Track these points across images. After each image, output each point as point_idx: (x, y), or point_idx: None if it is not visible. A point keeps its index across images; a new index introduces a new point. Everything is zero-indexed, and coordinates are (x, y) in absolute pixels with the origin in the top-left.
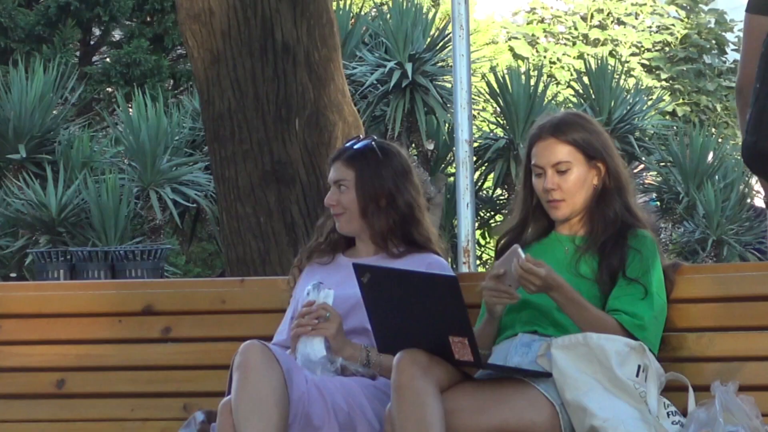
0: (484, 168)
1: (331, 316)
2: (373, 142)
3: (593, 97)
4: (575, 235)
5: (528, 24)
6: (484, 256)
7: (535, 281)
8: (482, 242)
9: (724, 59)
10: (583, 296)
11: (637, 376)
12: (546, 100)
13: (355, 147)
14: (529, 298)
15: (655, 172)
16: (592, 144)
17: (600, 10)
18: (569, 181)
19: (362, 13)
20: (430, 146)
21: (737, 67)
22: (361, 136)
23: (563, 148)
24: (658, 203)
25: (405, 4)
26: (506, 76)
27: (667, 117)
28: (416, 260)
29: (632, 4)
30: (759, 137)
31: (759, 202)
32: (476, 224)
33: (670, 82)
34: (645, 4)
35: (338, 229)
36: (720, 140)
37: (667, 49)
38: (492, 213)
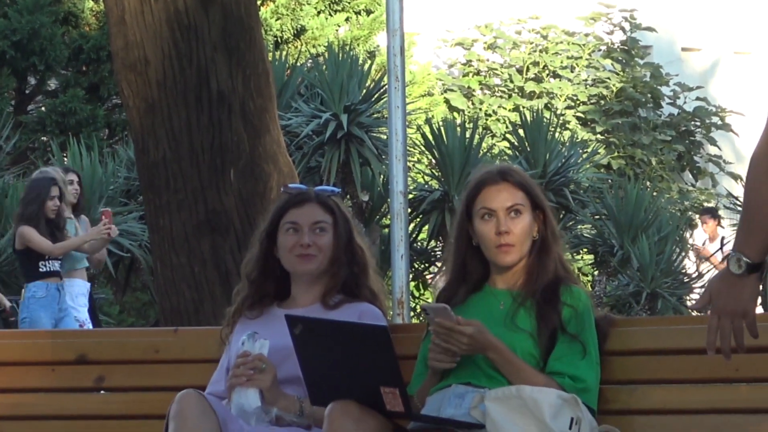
0: (418, 220)
1: (266, 367)
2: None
3: (528, 149)
4: (511, 289)
5: (464, 76)
6: (418, 308)
7: (461, 339)
8: (416, 294)
9: (659, 113)
10: (517, 352)
11: (570, 428)
12: (481, 152)
13: (323, 190)
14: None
15: (590, 225)
16: (537, 193)
17: (536, 63)
18: (520, 225)
19: (298, 63)
20: (365, 198)
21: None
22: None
23: (517, 192)
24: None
25: (341, 55)
26: (442, 128)
27: (602, 170)
28: (349, 310)
29: (568, 58)
30: None
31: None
32: (410, 276)
33: (606, 135)
34: (581, 58)
35: (302, 272)
36: (655, 194)
37: (602, 102)
38: (426, 265)
